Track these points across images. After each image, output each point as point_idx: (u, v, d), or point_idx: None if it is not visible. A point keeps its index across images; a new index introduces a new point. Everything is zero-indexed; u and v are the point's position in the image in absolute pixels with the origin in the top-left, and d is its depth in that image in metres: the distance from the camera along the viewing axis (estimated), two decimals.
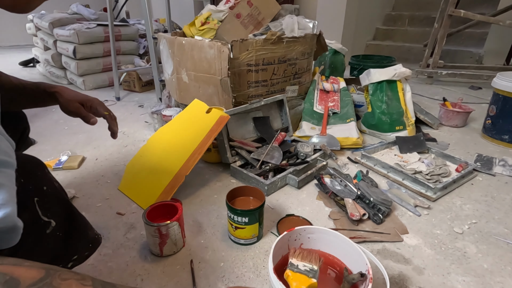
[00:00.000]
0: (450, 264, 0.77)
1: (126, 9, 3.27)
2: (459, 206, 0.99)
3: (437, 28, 2.50)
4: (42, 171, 0.52)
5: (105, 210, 0.96)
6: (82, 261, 0.59)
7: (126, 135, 1.54)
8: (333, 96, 1.61)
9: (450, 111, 1.65)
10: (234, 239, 0.83)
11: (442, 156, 1.27)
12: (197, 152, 1.02)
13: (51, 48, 2.48)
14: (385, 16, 3.77)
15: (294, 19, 1.50)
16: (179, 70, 1.39)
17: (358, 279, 0.54)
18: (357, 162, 1.26)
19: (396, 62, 1.99)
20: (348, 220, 0.91)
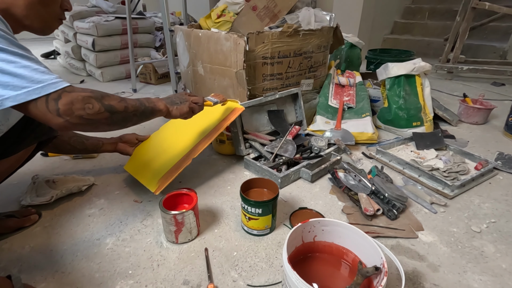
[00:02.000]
0: (467, 262, 0.75)
1: (142, 2, 3.31)
2: (477, 205, 0.97)
3: (459, 22, 2.41)
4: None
5: (123, 197, 1.00)
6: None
7: (142, 126, 1.58)
8: (348, 90, 1.58)
9: (471, 108, 1.59)
10: (247, 229, 0.84)
11: (461, 154, 1.24)
12: (208, 137, 1.03)
13: (71, 41, 2.54)
14: (404, 9, 3.65)
15: (311, 12, 1.47)
16: (195, 62, 1.40)
17: (372, 272, 0.54)
18: (371, 158, 1.25)
19: (415, 57, 1.94)
20: (362, 215, 0.90)
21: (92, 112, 0.61)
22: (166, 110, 0.80)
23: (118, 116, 0.66)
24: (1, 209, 0.91)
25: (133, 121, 0.72)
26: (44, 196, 0.94)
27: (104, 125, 0.65)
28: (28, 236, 0.83)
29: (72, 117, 0.58)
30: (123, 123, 0.70)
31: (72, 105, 0.58)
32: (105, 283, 0.69)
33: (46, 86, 0.55)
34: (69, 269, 0.73)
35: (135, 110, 0.70)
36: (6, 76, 0.52)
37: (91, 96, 0.61)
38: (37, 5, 0.64)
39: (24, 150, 0.82)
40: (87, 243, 0.81)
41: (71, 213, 0.92)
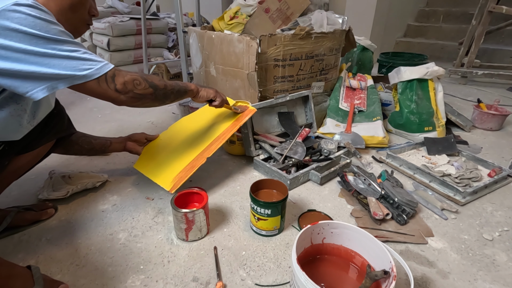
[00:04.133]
0: (478, 270, 0.74)
1: (156, 3, 3.36)
2: (490, 212, 0.95)
3: (475, 25, 2.36)
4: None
5: (135, 194, 1.02)
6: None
7: (154, 125, 1.61)
8: (359, 93, 1.58)
9: (485, 113, 1.56)
10: (256, 230, 0.85)
11: (474, 160, 1.22)
12: (221, 137, 1.04)
13: (87, 40, 2.61)
14: (418, 12, 3.60)
15: (324, 14, 1.48)
16: (207, 63, 1.42)
17: (381, 276, 0.55)
18: (382, 162, 1.24)
19: (429, 60, 1.92)
20: (371, 219, 0.90)
21: (141, 88, 0.72)
22: (196, 90, 0.91)
23: (160, 92, 0.77)
24: (20, 202, 0.95)
25: (171, 98, 0.82)
26: (60, 191, 0.97)
27: (150, 100, 0.75)
28: (45, 229, 0.86)
29: (127, 92, 0.69)
30: (163, 99, 0.79)
31: (125, 81, 0.68)
32: (117, 277, 0.71)
33: (103, 67, 0.64)
34: (83, 262, 0.75)
35: (172, 88, 0.81)
36: (73, 61, 0.60)
37: (138, 75, 0.72)
38: (68, 10, 0.69)
39: (44, 146, 0.85)
40: (101, 237, 0.83)
41: (86, 208, 0.95)
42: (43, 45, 0.56)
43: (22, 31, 0.54)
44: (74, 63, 0.60)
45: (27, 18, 0.54)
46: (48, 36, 0.57)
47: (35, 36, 0.55)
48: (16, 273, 0.62)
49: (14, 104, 0.64)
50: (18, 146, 0.74)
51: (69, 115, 0.97)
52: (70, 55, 0.60)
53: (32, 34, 0.55)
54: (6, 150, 0.70)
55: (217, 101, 0.98)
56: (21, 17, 0.54)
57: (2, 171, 0.76)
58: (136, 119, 1.69)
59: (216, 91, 0.98)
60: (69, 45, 0.60)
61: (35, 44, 0.55)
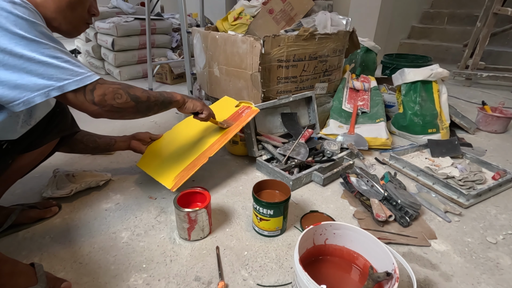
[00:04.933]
0: (481, 273, 0.74)
1: (161, 3, 3.38)
2: (494, 215, 0.95)
3: (480, 27, 2.35)
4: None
5: (138, 193, 1.03)
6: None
7: (157, 125, 1.62)
8: (363, 95, 1.57)
9: (489, 116, 1.55)
10: (258, 230, 0.85)
11: (478, 162, 1.21)
12: (223, 137, 1.04)
13: (92, 40, 2.63)
14: (422, 14, 3.59)
15: (327, 16, 1.48)
16: (211, 64, 1.43)
17: (383, 277, 0.54)
18: (385, 164, 1.24)
19: (433, 62, 1.91)
20: (373, 220, 0.90)
21: (121, 102, 0.69)
22: (182, 101, 0.88)
23: (142, 105, 0.75)
24: (24, 200, 0.96)
25: (154, 110, 0.79)
26: (64, 189, 0.98)
27: (130, 113, 0.73)
28: (49, 227, 0.87)
29: (105, 106, 0.66)
30: (146, 112, 0.78)
31: (105, 95, 0.66)
32: (120, 275, 0.71)
33: (84, 78, 0.62)
34: (87, 260, 0.76)
35: (156, 100, 0.78)
36: (52, 69, 0.58)
37: (119, 87, 0.69)
38: (66, 9, 0.68)
39: (47, 145, 0.86)
40: (104, 236, 0.84)
41: (89, 207, 0.95)
42: (22, 46, 0.54)
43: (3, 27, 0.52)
44: (52, 72, 0.57)
45: (8, 16, 0.52)
46: (29, 37, 0.54)
47: (16, 35, 0.53)
48: (19, 270, 0.62)
49: None
50: (21, 145, 0.74)
51: (73, 114, 0.97)
52: (48, 61, 0.56)
53: (13, 33, 0.53)
54: (9, 149, 0.70)
55: (203, 114, 0.94)
56: (3, 15, 0.52)
57: (6, 169, 0.77)
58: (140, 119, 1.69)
59: (203, 104, 0.95)
60: (50, 50, 0.57)
61: (15, 43, 0.53)
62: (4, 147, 0.69)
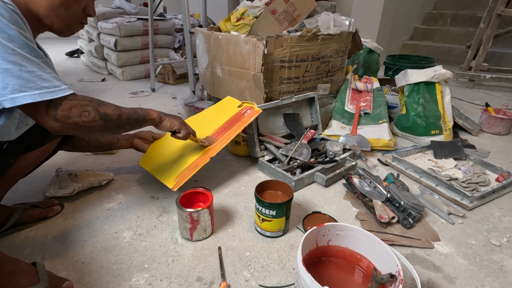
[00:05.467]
0: (485, 276, 0.73)
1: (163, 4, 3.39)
2: (498, 218, 0.94)
3: (483, 29, 2.35)
4: None
5: (140, 193, 1.03)
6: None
7: None
8: (365, 96, 1.57)
9: (493, 117, 1.55)
10: (260, 231, 0.85)
11: (481, 164, 1.20)
12: (225, 137, 1.04)
13: (95, 40, 2.64)
14: (425, 15, 3.58)
15: (330, 16, 1.48)
16: (213, 64, 1.43)
17: (387, 279, 0.54)
18: (387, 165, 1.23)
19: (436, 64, 1.90)
20: (376, 222, 0.89)
21: (87, 120, 0.64)
22: (158, 119, 0.83)
23: (112, 124, 0.70)
24: (27, 199, 0.96)
25: (125, 128, 0.74)
26: (66, 188, 0.98)
27: (97, 131, 0.68)
28: (51, 226, 0.87)
29: (67, 123, 0.61)
30: (115, 130, 0.73)
31: (70, 112, 0.61)
32: (122, 275, 0.71)
33: (45, 94, 0.57)
34: (89, 259, 0.75)
35: (128, 118, 0.73)
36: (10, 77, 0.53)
37: (88, 104, 0.64)
38: (59, 6, 0.65)
39: (50, 144, 0.86)
40: (106, 235, 0.83)
41: (91, 206, 0.95)
42: None
43: None
44: (8, 80, 0.53)
45: None
46: None
47: None
48: (20, 269, 0.62)
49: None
50: (22, 144, 0.74)
51: None
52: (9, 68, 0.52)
53: None
54: (10, 149, 0.70)
55: (181, 133, 0.90)
56: None
57: (8, 169, 0.77)
58: None
59: (182, 123, 0.90)
60: (15, 56, 0.53)
61: None
62: (5, 147, 0.69)
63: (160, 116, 0.84)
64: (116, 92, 2.19)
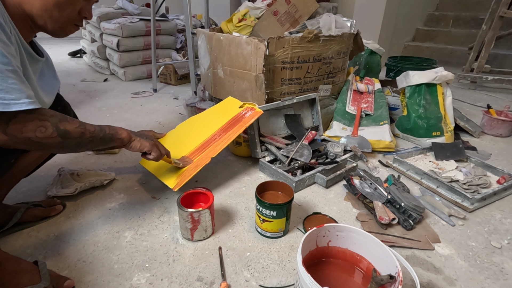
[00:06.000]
0: (485, 278, 0.73)
1: (165, 4, 3.40)
2: (499, 220, 0.94)
3: (485, 30, 2.34)
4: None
5: (142, 193, 1.03)
6: None
7: (161, 125, 1.62)
8: (367, 97, 1.57)
9: (495, 119, 1.54)
10: (260, 231, 0.85)
11: (483, 166, 1.20)
12: (226, 138, 1.05)
13: (97, 40, 2.65)
14: (427, 16, 3.58)
15: (332, 18, 1.48)
16: (215, 65, 1.44)
17: (387, 280, 0.54)
18: (388, 166, 1.23)
19: (437, 65, 1.90)
20: (376, 223, 0.90)
21: (42, 136, 0.60)
22: (128, 139, 0.79)
23: (71, 142, 0.66)
24: (29, 198, 0.97)
25: (87, 146, 0.71)
26: (68, 188, 0.99)
27: (54, 148, 0.65)
28: (53, 225, 0.87)
29: (17, 138, 0.58)
30: (75, 148, 0.70)
31: (24, 126, 0.58)
32: (123, 274, 0.72)
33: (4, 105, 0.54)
34: (90, 258, 0.76)
35: (92, 136, 0.70)
36: None
37: (47, 120, 0.61)
38: (52, 8, 0.64)
39: None
40: (107, 235, 0.84)
41: (93, 206, 0.96)
42: None
43: None
44: None
45: None
46: None
47: None
48: (22, 268, 0.63)
49: None
50: None
51: (78, 114, 0.98)
52: None
53: None
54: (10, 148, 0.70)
55: (152, 155, 0.85)
56: None
57: (10, 168, 0.77)
58: (144, 119, 1.70)
59: (153, 144, 0.85)
60: None
61: None
62: None
63: (130, 136, 0.80)
64: (118, 92, 2.20)
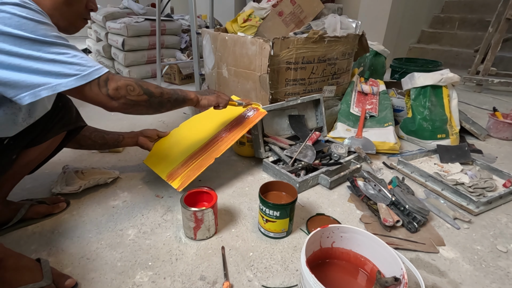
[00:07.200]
0: (491, 282, 0.72)
1: (171, 5, 3.42)
2: (505, 224, 0.93)
3: (492, 33, 2.32)
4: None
5: (145, 191, 1.03)
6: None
7: (165, 124, 1.63)
8: (371, 98, 1.56)
9: (501, 122, 1.53)
10: (264, 231, 0.85)
11: (488, 169, 1.19)
12: (230, 138, 1.05)
13: (103, 40, 2.67)
14: (433, 18, 3.56)
15: (337, 19, 1.48)
16: (220, 65, 1.44)
17: (391, 282, 0.54)
18: (392, 168, 1.22)
19: (443, 67, 1.89)
20: (380, 225, 0.89)
21: (134, 94, 0.69)
22: (196, 99, 0.88)
23: (155, 100, 0.74)
24: (34, 195, 0.97)
25: (167, 106, 0.79)
26: (72, 185, 0.99)
27: (143, 107, 0.73)
28: (57, 222, 0.88)
29: (119, 98, 0.67)
30: (158, 107, 0.77)
31: (118, 87, 0.66)
32: (126, 272, 0.72)
33: (93, 72, 0.62)
34: (94, 256, 0.76)
35: (169, 97, 0.78)
36: (59, 65, 0.58)
37: (132, 80, 0.70)
38: (62, 5, 0.67)
39: (53, 139, 0.85)
40: (111, 232, 0.84)
41: (97, 204, 0.96)
42: (27, 47, 0.54)
43: (5, 32, 0.52)
44: (59, 68, 0.57)
45: (12, 18, 0.53)
46: (33, 37, 0.54)
47: (19, 37, 0.53)
48: (24, 265, 0.62)
49: (8, 102, 0.63)
50: (24, 140, 0.74)
51: (82, 112, 0.98)
52: (55, 58, 0.57)
53: (16, 35, 0.53)
54: (11, 144, 0.70)
55: (220, 106, 0.96)
56: (6, 17, 0.52)
57: (11, 165, 0.77)
58: (148, 117, 1.71)
59: (217, 96, 0.94)
60: (57, 47, 0.57)
61: (19, 45, 0.53)
62: (6, 143, 0.68)
63: (197, 97, 0.89)
64: None
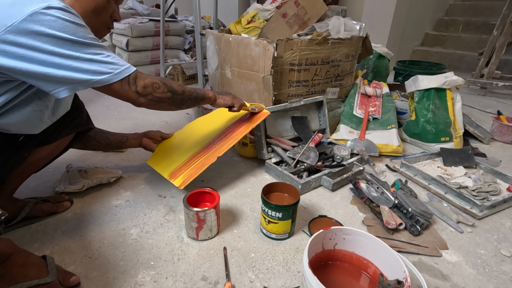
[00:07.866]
0: (494, 287, 0.72)
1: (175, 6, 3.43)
2: (509, 228, 0.92)
3: (496, 36, 2.31)
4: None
5: (148, 191, 1.04)
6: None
7: (168, 125, 1.64)
8: (374, 101, 1.56)
9: (505, 126, 1.52)
10: (266, 232, 0.85)
11: (492, 173, 1.18)
12: (233, 137, 1.05)
13: (107, 40, 2.68)
14: (437, 21, 3.55)
15: (341, 21, 1.48)
16: (223, 65, 1.44)
17: (394, 285, 0.53)
18: (395, 171, 1.22)
19: (447, 70, 1.88)
20: (383, 228, 0.89)
21: (159, 92, 0.75)
22: (214, 98, 0.94)
23: (178, 97, 0.80)
24: (38, 194, 0.98)
25: (187, 103, 0.84)
26: (76, 184, 1.00)
27: (166, 104, 0.78)
28: (61, 220, 0.88)
29: (147, 95, 0.73)
30: (180, 104, 0.82)
31: (146, 85, 0.72)
32: (128, 272, 0.72)
33: (124, 70, 0.67)
34: (96, 254, 0.77)
35: (190, 94, 0.84)
36: (96, 64, 0.63)
37: (157, 78, 0.76)
38: (91, 14, 0.72)
39: (63, 139, 0.88)
40: (113, 232, 0.85)
41: (100, 203, 0.97)
42: (68, 47, 0.59)
43: (50, 33, 0.56)
44: (95, 67, 0.63)
45: (57, 21, 0.57)
46: (74, 39, 0.59)
47: (61, 38, 0.58)
48: (31, 261, 0.63)
49: (37, 100, 0.67)
50: (37, 139, 0.77)
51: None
52: (92, 58, 0.62)
53: (59, 37, 0.58)
54: (25, 142, 0.72)
55: (235, 107, 1.00)
56: (51, 20, 0.56)
57: (22, 162, 0.79)
58: (151, 118, 1.72)
59: (233, 97, 1.00)
60: (93, 48, 0.63)
61: (61, 46, 0.58)
62: (21, 140, 0.71)
63: (215, 96, 0.94)
64: None
